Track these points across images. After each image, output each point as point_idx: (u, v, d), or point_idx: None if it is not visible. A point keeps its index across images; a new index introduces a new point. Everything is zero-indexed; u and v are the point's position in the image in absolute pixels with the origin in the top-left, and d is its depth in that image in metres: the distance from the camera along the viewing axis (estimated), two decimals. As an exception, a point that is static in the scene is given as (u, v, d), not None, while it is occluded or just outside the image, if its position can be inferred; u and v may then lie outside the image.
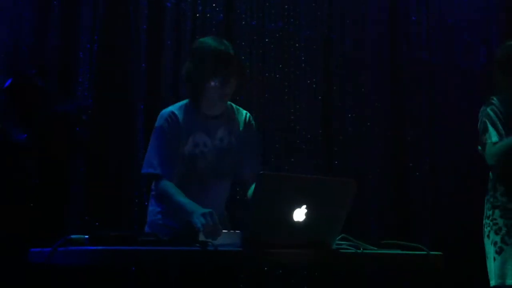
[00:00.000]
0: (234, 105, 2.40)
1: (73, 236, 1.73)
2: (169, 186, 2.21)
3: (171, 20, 3.35)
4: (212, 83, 2.23)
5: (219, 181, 2.34)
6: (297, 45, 3.67)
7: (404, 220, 3.77)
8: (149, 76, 3.27)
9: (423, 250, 1.99)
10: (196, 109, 2.31)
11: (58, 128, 3.06)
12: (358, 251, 1.89)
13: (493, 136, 2.62)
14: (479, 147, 2.73)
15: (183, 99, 2.39)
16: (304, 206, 1.83)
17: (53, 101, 3.08)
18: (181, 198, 2.15)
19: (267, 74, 3.57)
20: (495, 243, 2.62)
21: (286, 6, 3.66)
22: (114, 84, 3.20)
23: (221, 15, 3.47)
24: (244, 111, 2.42)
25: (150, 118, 3.22)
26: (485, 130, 2.64)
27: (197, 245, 1.77)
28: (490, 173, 2.73)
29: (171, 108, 2.34)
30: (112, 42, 3.22)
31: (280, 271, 3.09)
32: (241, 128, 2.38)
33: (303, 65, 3.66)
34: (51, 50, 3.11)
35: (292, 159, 3.52)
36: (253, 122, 2.42)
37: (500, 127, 2.63)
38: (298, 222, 1.83)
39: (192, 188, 2.25)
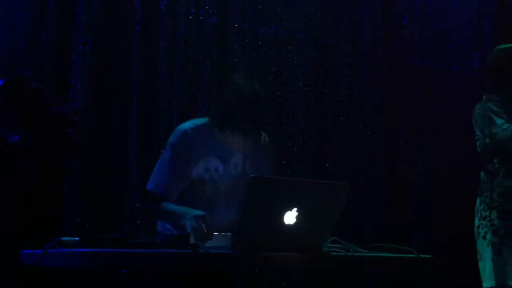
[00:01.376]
0: (254, 129, 2.31)
1: (63, 238, 1.72)
2: (167, 204, 2.18)
3: (165, 23, 3.35)
4: (238, 113, 2.18)
5: (229, 208, 2.26)
6: (290, 48, 3.67)
7: (397, 223, 3.78)
8: (142, 78, 3.26)
9: (413, 253, 2.00)
10: (215, 131, 2.25)
11: (50, 130, 3.05)
12: (348, 253, 1.90)
13: (500, 123, 2.62)
14: (484, 144, 2.73)
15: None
16: (296, 209, 1.83)
17: (46, 103, 3.07)
18: (175, 207, 2.14)
19: (260, 77, 3.57)
20: (492, 244, 2.62)
21: (279, 10, 3.67)
22: (107, 86, 3.20)
23: (214, 18, 3.47)
24: (262, 134, 2.36)
25: (142, 120, 3.23)
26: (491, 122, 2.64)
27: (188, 247, 1.77)
28: (483, 174, 2.74)
29: (188, 124, 2.28)
30: (105, 44, 3.21)
31: (271, 274, 3.10)
32: (257, 152, 2.31)
33: (295, 68, 3.67)
34: (44, 52, 3.10)
35: (285, 162, 3.53)
36: (271, 146, 2.36)
37: (504, 115, 2.64)
38: (289, 225, 1.83)
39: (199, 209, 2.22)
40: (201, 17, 3.44)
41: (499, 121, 2.63)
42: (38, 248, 1.76)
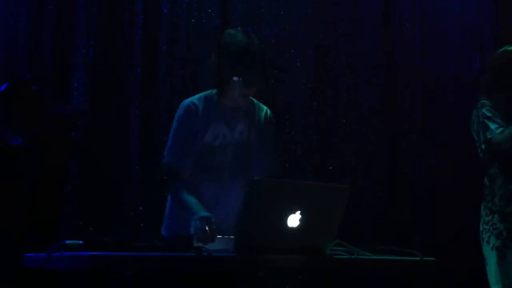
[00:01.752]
0: (255, 100, 2.37)
1: (67, 242, 1.73)
2: (181, 185, 2.21)
3: (167, 26, 3.36)
4: (235, 80, 2.19)
5: (235, 179, 2.30)
6: (292, 51, 3.68)
7: (397, 223, 3.78)
8: (144, 81, 3.27)
9: (417, 256, 2.00)
10: (218, 100, 2.28)
11: (53, 133, 3.06)
12: (352, 256, 1.90)
13: (494, 128, 2.64)
14: (481, 150, 2.74)
15: (198, 92, 2.37)
16: (298, 212, 1.83)
17: (48, 106, 3.07)
18: (187, 198, 2.15)
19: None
20: (496, 248, 2.63)
21: (281, 12, 3.67)
22: (109, 89, 3.20)
23: (216, 21, 3.48)
24: (265, 107, 2.39)
25: (145, 123, 3.24)
26: (485, 128, 2.67)
27: (191, 250, 1.77)
28: (485, 180, 2.75)
29: (191, 98, 2.32)
30: (108, 47, 3.22)
31: (274, 277, 3.10)
32: (260, 124, 2.35)
33: (297, 70, 3.68)
34: (46, 55, 3.11)
35: (287, 164, 3.53)
36: (273, 119, 2.39)
37: (498, 120, 2.66)
38: (292, 228, 1.83)
39: (210, 182, 2.25)
40: (203, 20, 3.44)
41: (492, 125, 2.66)
42: (38, 249, 1.76)
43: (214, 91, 2.31)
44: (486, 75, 2.85)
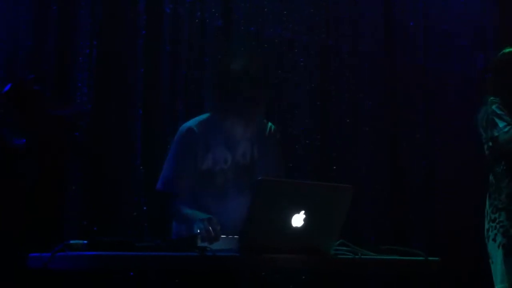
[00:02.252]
0: (259, 118, 2.30)
1: (71, 242, 1.73)
2: (180, 204, 2.18)
3: (170, 26, 3.36)
4: (238, 101, 2.14)
5: (239, 194, 2.27)
6: (295, 50, 3.67)
7: (398, 225, 3.77)
8: (147, 82, 3.27)
9: (421, 256, 1.99)
10: (218, 122, 2.23)
11: (56, 133, 3.06)
12: (356, 256, 1.89)
13: (502, 126, 2.64)
14: (487, 147, 2.73)
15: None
16: (302, 212, 1.83)
17: (51, 106, 3.07)
18: (187, 211, 2.14)
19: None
20: (503, 246, 2.62)
21: (284, 12, 3.67)
22: (112, 89, 3.20)
23: (220, 20, 3.48)
24: (269, 123, 2.35)
25: (148, 123, 3.24)
26: (493, 125, 2.67)
27: (196, 250, 1.77)
28: (491, 177, 2.74)
29: (190, 123, 2.28)
30: (111, 48, 3.22)
31: (277, 276, 3.10)
32: (263, 140, 2.30)
33: (300, 70, 3.67)
34: (49, 55, 3.11)
35: (290, 165, 3.53)
36: (277, 134, 2.35)
37: (507, 118, 2.66)
38: (296, 228, 1.83)
39: (210, 201, 2.23)
40: (206, 20, 3.44)
41: (501, 123, 2.65)
42: (39, 250, 1.76)
43: (211, 115, 2.26)
44: (490, 75, 2.85)
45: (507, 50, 2.82)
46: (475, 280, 3.23)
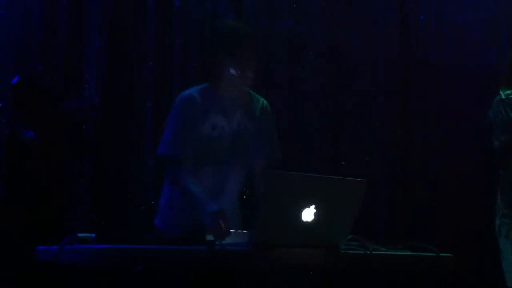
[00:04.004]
0: (251, 91, 2.36)
1: (80, 234, 1.72)
2: (184, 174, 2.19)
3: (180, 19, 3.34)
4: (232, 62, 2.20)
5: (234, 167, 2.30)
6: (306, 44, 3.65)
7: (409, 221, 3.74)
8: (157, 75, 3.26)
9: (433, 252, 1.96)
10: (215, 90, 2.28)
11: (64, 126, 3.06)
12: (368, 252, 1.87)
13: None
14: (500, 142, 2.69)
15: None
16: (314, 206, 1.81)
17: (60, 99, 3.07)
18: (195, 189, 2.13)
19: (275, 73, 3.55)
20: None
21: (294, 5, 3.64)
22: (122, 82, 3.20)
23: (230, 14, 3.45)
24: (261, 98, 2.38)
25: (158, 116, 3.22)
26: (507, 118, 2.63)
27: (205, 244, 1.75)
28: (502, 172, 2.70)
29: (189, 90, 2.31)
30: (120, 40, 3.21)
31: (288, 272, 3.08)
32: (257, 114, 2.34)
33: (311, 63, 3.64)
34: (59, 48, 3.11)
35: (299, 159, 3.50)
36: (269, 109, 2.38)
37: None
38: (307, 222, 1.81)
39: (207, 175, 2.24)
40: (217, 13, 3.42)
41: None
42: (49, 244, 1.75)
43: (208, 84, 2.30)
44: (503, 69, 2.81)
45: None
46: (486, 278, 3.18)
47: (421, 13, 3.95)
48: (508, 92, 2.70)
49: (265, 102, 2.38)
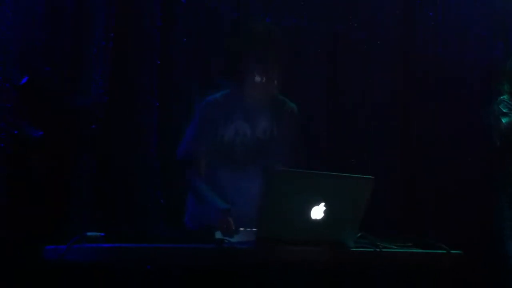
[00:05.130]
0: (280, 96, 2.33)
1: (88, 233, 1.71)
2: (198, 177, 2.18)
3: (185, 17, 3.33)
4: (257, 68, 2.18)
5: (255, 171, 2.28)
6: (311, 39, 3.63)
7: (411, 218, 3.71)
8: (163, 73, 3.25)
9: (443, 249, 1.95)
10: (239, 95, 2.25)
11: (73, 125, 3.06)
12: (377, 249, 1.86)
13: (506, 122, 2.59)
14: (500, 140, 2.68)
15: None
16: (322, 204, 1.80)
17: (67, 98, 3.08)
18: (206, 191, 2.13)
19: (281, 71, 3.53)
20: None
21: (302, 3, 3.62)
22: (128, 81, 3.19)
23: (235, 11, 3.44)
24: (292, 104, 2.35)
25: (164, 115, 3.22)
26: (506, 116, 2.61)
27: (214, 242, 1.75)
28: (501, 174, 2.68)
29: (213, 95, 2.30)
30: (127, 39, 3.21)
31: (295, 269, 3.07)
32: (284, 121, 2.31)
33: (316, 59, 3.63)
34: (65, 47, 3.10)
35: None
36: (296, 113, 2.35)
37: None
38: (315, 220, 1.80)
39: (225, 177, 2.23)
40: (222, 10, 3.41)
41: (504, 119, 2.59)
42: (56, 243, 1.75)
43: (233, 89, 2.27)
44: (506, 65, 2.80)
45: None
46: (493, 278, 3.15)
47: (427, 8, 3.92)
48: (505, 97, 2.68)
49: (293, 105, 2.35)
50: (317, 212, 1.80)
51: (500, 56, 3.97)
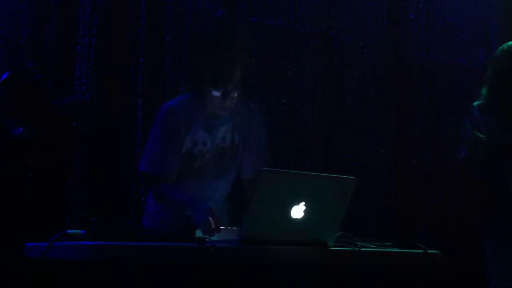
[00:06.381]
0: (243, 99, 2.22)
1: (69, 231, 1.71)
2: (167, 187, 2.14)
3: (170, 15, 3.33)
4: (213, 81, 2.08)
5: (219, 178, 2.26)
6: (297, 41, 3.65)
7: (403, 219, 3.76)
8: (147, 71, 3.25)
9: (421, 248, 1.98)
10: (198, 103, 2.18)
11: (54, 122, 3.04)
12: (356, 249, 1.88)
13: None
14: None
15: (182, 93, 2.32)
16: (303, 203, 1.82)
17: (50, 95, 3.06)
18: (179, 195, 2.11)
19: (266, 71, 3.55)
20: None
21: (286, 3, 3.64)
22: (112, 79, 3.18)
23: (221, 10, 3.45)
24: (253, 104, 2.29)
25: (148, 113, 3.21)
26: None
27: (195, 241, 1.76)
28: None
29: (171, 102, 2.23)
30: (111, 37, 3.20)
31: (277, 268, 3.09)
32: (246, 124, 2.25)
33: (302, 61, 3.65)
34: (49, 44, 3.09)
35: (291, 156, 3.51)
36: (259, 112, 2.29)
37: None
38: (296, 220, 1.82)
39: (190, 184, 2.21)
40: (207, 10, 3.41)
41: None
42: (42, 241, 1.74)
43: (192, 95, 2.20)
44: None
45: (507, 44, 2.79)
46: (470, 277, 3.20)
47: (411, 12, 3.96)
48: (479, 102, 2.71)
49: (254, 106, 2.27)
50: (299, 212, 1.82)
51: (482, 60, 4.03)
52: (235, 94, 2.13)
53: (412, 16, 3.96)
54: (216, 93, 2.11)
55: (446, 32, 4.02)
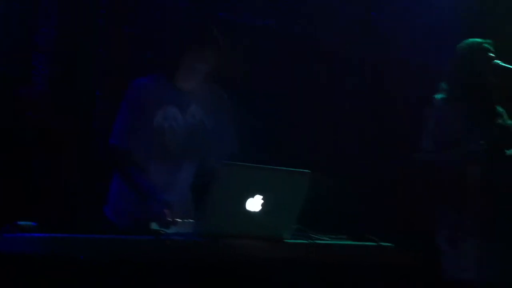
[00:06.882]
0: (211, 84, 2.32)
1: (20, 223, 1.69)
2: (133, 170, 2.15)
3: (130, 5, 3.30)
4: (187, 56, 2.17)
5: (187, 160, 2.27)
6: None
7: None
8: (106, 62, 3.21)
9: (374, 241, 2.02)
10: (170, 81, 2.23)
11: (12, 113, 3.00)
12: (310, 241, 1.91)
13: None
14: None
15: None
16: (260, 197, 1.83)
17: (9, 86, 3.01)
18: (141, 179, 2.11)
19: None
20: None
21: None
22: (71, 69, 3.14)
23: (185, 1, 3.42)
24: (221, 91, 2.34)
25: (106, 104, 3.18)
26: None
27: (151, 234, 1.75)
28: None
29: (143, 78, 2.26)
30: (70, 27, 3.15)
31: (233, 261, 3.09)
32: (215, 108, 2.30)
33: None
34: (7, 34, 3.02)
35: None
36: (228, 103, 2.34)
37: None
38: (253, 213, 1.83)
39: (160, 166, 2.21)
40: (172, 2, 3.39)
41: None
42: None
43: (164, 73, 2.25)
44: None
45: (467, 41, 2.87)
46: (423, 270, 3.24)
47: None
48: (440, 95, 2.78)
49: (224, 95, 2.34)
50: (256, 205, 1.84)
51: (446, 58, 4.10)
52: (208, 69, 2.22)
53: (373, 14, 3.99)
54: (191, 64, 2.18)
55: (418, 32, 4.06)
